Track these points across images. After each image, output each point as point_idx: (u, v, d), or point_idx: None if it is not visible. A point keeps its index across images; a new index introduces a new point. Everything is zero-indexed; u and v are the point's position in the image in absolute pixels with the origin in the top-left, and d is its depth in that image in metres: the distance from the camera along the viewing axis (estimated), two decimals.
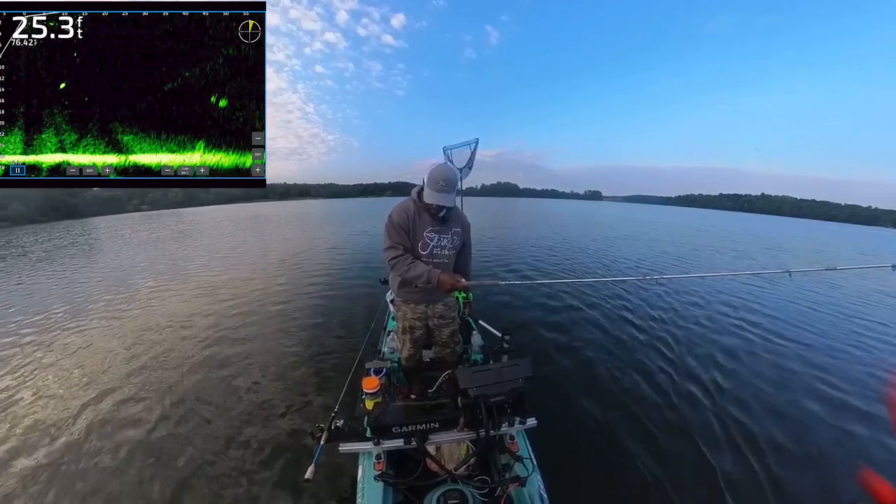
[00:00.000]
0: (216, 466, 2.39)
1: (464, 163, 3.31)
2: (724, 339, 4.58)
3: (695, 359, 3.98)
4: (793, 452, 2.61)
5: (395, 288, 2.18)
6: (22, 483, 2.27)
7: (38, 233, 21.34)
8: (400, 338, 2.32)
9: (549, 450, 2.25)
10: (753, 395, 3.32)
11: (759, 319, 5.41)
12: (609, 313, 5.38)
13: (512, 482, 1.52)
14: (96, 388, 3.33)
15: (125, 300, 6.24)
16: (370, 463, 1.60)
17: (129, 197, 68.41)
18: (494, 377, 1.58)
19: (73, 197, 53.62)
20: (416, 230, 1.94)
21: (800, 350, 4.38)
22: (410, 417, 1.61)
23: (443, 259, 2.01)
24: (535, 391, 3.12)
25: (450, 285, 1.87)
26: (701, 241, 16.54)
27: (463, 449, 1.85)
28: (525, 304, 5.63)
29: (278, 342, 4.25)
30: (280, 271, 8.27)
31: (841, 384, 3.56)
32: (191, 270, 8.68)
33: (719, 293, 6.78)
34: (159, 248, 12.92)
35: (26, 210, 44.05)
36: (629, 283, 6.88)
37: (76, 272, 8.83)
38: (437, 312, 2.20)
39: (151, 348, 4.17)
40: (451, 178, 1.81)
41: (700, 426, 2.85)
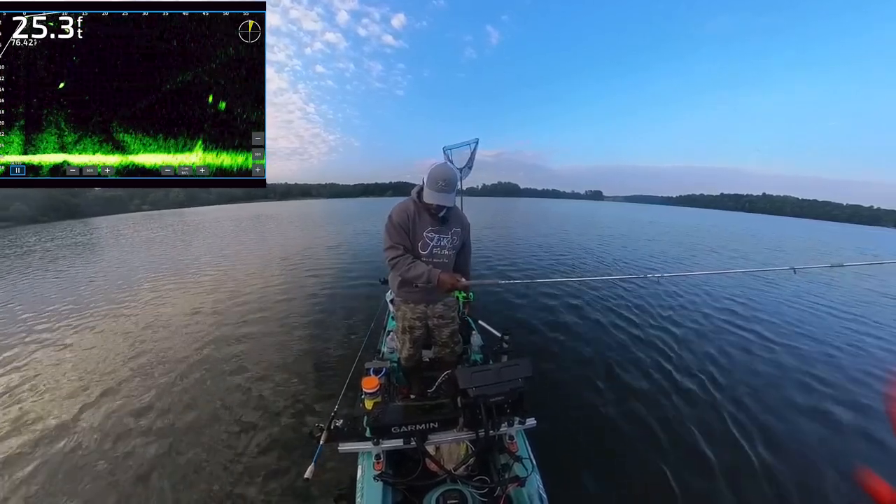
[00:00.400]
0: (215, 465, 2.39)
1: (464, 163, 3.31)
2: (724, 339, 4.57)
3: (696, 358, 3.98)
4: (795, 453, 2.61)
5: (395, 288, 2.18)
6: (24, 476, 2.28)
7: (40, 232, 21.38)
8: (399, 338, 2.32)
9: (549, 450, 2.25)
10: (755, 395, 3.31)
11: (762, 318, 5.41)
12: (609, 313, 5.38)
13: (511, 482, 1.52)
14: (97, 385, 3.33)
15: (125, 299, 6.25)
16: (370, 463, 1.61)
17: (131, 197, 68.57)
18: (494, 377, 1.58)
19: (74, 197, 53.91)
20: (416, 230, 1.94)
21: (801, 351, 4.38)
22: (410, 417, 1.61)
23: (443, 259, 2.01)
24: (535, 391, 3.12)
25: (450, 285, 1.87)
26: (701, 241, 16.52)
27: (462, 449, 1.85)
28: (525, 304, 5.63)
29: (278, 342, 4.26)
30: (280, 271, 8.28)
31: (842, 384, 3.56)
32: (191, 270, 8.69)
33: (721, 292, 6.78)
34: (160, 247, 12.94)
35: (28, 210, 44.42)
36: (629, 283, 6.88)
37: (78, 271, 8.85)
38: (436, 312, 2.20)
39: (151, 347, 4.17)
40: (450, 178, 1.81)
41: (701, 426, 2.84)
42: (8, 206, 42.93)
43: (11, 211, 42.64)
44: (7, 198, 43.39)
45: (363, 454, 1.68)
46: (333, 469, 2.20)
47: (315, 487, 2.14)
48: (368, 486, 1.56)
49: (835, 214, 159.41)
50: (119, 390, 3.29)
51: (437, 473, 1.57)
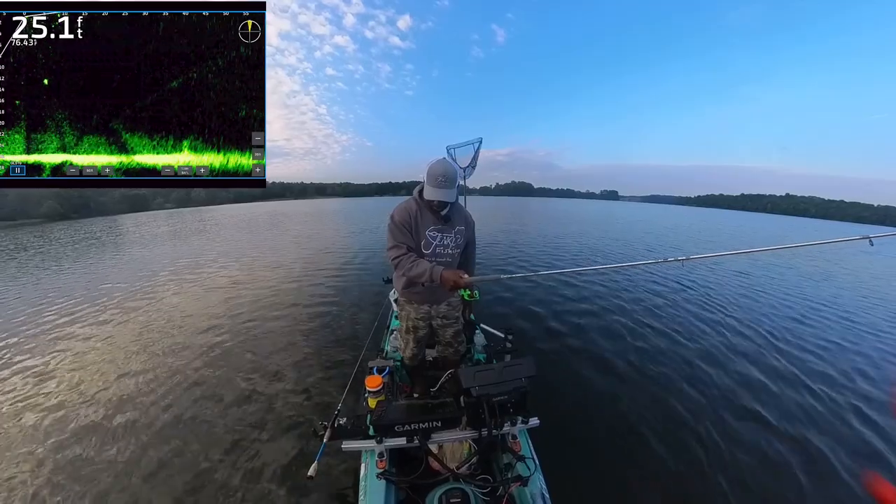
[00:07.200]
0: (219, 462, 2.41)
1: (467, 162, 3.30)
2: (735, 337, 4.52)
3: (705, 356, 3.93)
4: (799, 455, 2.57)
5: (400, 288, 2.16)
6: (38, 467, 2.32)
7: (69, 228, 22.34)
8: (403, 337, 2.32)
9: (552, 449, 2.24)
10: (758, 395, 3.27)
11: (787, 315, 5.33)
12: (615, 311, 5.33)
13: (514, 482, 1.51)
14: (111, 375, 3.39)
15: (141, 294, 6.38)
16: (373, 461, 1.61)
17: (154, 196, 70.14)
18: (497, 376, 1.57)
19: (101, 195, 57.16)
20: (419, 229, 1.92)
21: (803, 351, 4.31)
22: (413, 416, 1.61)
23: (446, 258, 1.99)
24: (538, 391, 3.11)
25: (453, 282, 1.85)
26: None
27: (465, 448, 1.85)
28: (527, 304, 5.59)
29: (281, 340, 4.28)
30: (288, 267, 8.35)
31: (862, 381, 3.50)
32: (207, 264, 8.95)
33: (746, 286, 6.69)
34: (181, 243, 13.16)
35: (60, 208, 46.99)
36: (638, 277, 6.75)
37: (102, 265, 9.01)
38: (440, 312, 2.19)
39: (161, 340, 4.26)
40: (450, 173, 1.79)
41: (707, 426, 2.81)
42: (42, 204, 45.17)
43: (44, 208, 45.19)
44: (43, 196, 46.25)
45: (366, 452, 1.69)
46: (337, 467, 2.22)
47: (318, 485, 2.15)
48: (371, 485, 1.56)
49: (864, 216, 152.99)
50: (126, 386, 3.33)
51: (440, 472, 1.56)
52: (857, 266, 10.66)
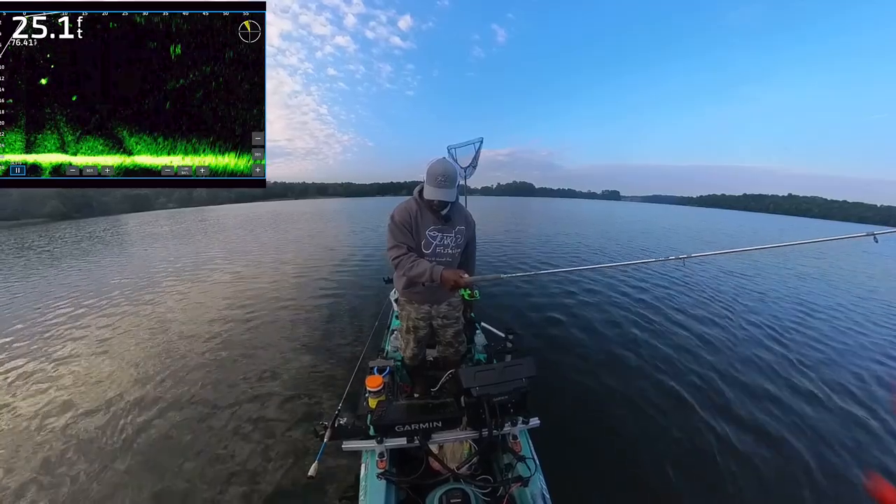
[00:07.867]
0: (219, 462, 2.41)
1: (468, 162, 3.29)
2: (736, 337, 4.50)
3: (706, 356, 3.93)
4: (800, 455, 2.56)
5: (400, 288, 2.16)
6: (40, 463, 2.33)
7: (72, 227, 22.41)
8: (404, 337, 2.31)
9: (552, 450, 2.23)
10: (761, 396, 3.26)
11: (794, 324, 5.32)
12: (615, 312, 5.33)
13: (514, 482, 1.51)
14: (112, 375, 3.40)
15: (141, 294, 6.37)
16: (373, 461, 1.61)
17: (156, 196, 70.28)
18: (497, 377, 1.57)
19: (104, 195, 57.53)
20: (419, 229, 1.92)
21: (803, 350, 4.30)
22: (413, 416, 1.61)
23: (446, 258, 1.99)
24: (539, 391, 3.11)
25: (453, 281, 1.85)
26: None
27: (465, 448, 1.84)
28: (528, 303, 5.59)
29: (283, 339, 4.29)
30: (288, 267, 8.36)
31: (859, 385, 3.49)
32: (207, 263, 8.97)
33: (751, 286, 6.67)
34: (182, 243, 13.16)
35: (63, 207, 47.33)
36: (639, 279, 6.76)
37: (102, 265, 9.03)
38: (441, 313, 2.18)
39: (161, 343, 4.24)
40: (449, 173, 1.78)
41: (707, 426, 2.80)
42: (45, 203, 45.58)
43: (48, 208, 45.65)
44: (46, 196, 46.71)
45: (367, 452, 1.69)
46: (337, 467, 2.21)
47: (319, 485, 2.15)
48: (372, 485, 1.56)
49: (867, 217, 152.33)
50: (129, 383, 3.34)
51: (441, 472, 1.56)
52: (857, 266, 10.62)
